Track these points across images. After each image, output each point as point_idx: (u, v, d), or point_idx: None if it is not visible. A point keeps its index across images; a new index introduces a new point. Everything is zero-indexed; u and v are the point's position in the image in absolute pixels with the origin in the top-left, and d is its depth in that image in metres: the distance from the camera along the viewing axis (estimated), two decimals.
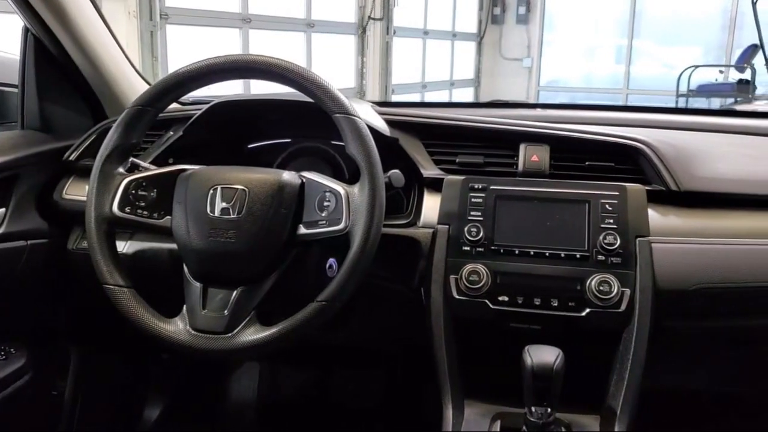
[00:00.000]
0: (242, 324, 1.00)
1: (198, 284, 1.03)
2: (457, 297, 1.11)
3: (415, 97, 8.47)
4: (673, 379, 1.34)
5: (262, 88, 1.27)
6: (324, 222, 1.01)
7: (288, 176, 1.04)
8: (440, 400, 1.10)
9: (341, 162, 1.34)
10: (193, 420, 1.82)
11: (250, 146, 1.40)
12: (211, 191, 1.03)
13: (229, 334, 0.99)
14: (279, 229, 1.01)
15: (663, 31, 9.37)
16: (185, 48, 5.07)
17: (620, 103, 9.24)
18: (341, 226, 0.99)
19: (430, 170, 1.23)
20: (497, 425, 1.07)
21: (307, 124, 1.27)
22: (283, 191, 1.02)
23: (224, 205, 1.02)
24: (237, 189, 1.02)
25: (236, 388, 1.86)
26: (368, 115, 1.20)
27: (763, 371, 1.35)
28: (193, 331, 1.01)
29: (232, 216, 1.01)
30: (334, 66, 7.12)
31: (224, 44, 5.48)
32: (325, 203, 1.01)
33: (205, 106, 1.25)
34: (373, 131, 1.12)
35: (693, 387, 1.42)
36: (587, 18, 9.62)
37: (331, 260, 1.18)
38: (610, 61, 9.74)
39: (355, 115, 1.01)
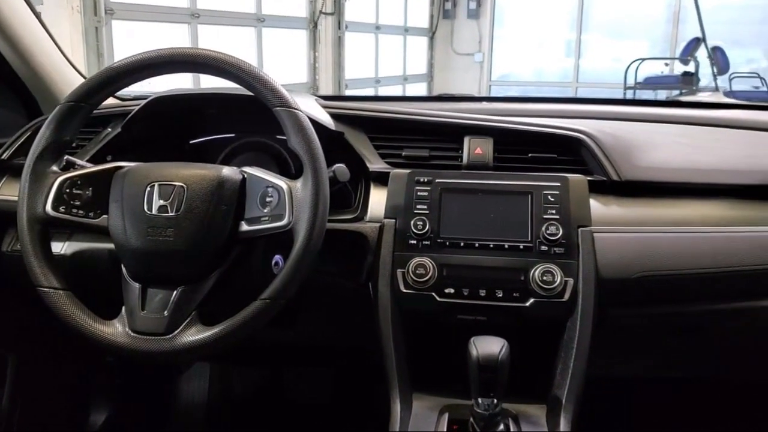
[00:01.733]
0: (183, 324, 0.97)
1: (137, 285, 1.00)
2: (405, 291, 1.10)
3: (368, 92, 8.46)
4: (617, 367, 1.37)
5: (212, 83, 1.24)
6: (266, 218, 0.99)
7: (228, 172, 1.02)
8: (388, 394, 1.10)
9: (287, 157, 1.32)
10: (141, 423, 1.78)
11: (192, 142, 1.37)
12: (148, 188, 1.00)
13: (170, 335, 0.97)
14: (219, 226, 0.99)
15: (611, 25, 9.57)
16: (132, 44, 4.95)
17: (570, 96, 9.39)
18: (284, 222, 0.98)
19: (376, 164, 1.22)
20: (445, 418, 1.07)
21: (250, 118, 1.25)
22: (223, 187, 1.00)
23: (162, 202, 0.99)
24: (175, 186, 1.00)
25: (186, 390, 1.82)
26: (311, 108, 1.19)
27: (704, 357, 1.38)
28: (132, 333, 0.98)
29: (170, 214, 0.98)
30: (286, 61, 7.06)
31: (172, 40, 5.37)
32: (268, 199, 1.00)
33: (143, 102, 1.22)
34: (317, 125, 1.11)
35: (637, 374, 1.45)
36: (537, 12, 9.75)
37: (277, 257, 1.16)
38: (560, 55, 9.89)
39: (296, 108, 1.00)
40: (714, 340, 1.28)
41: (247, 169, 1.04)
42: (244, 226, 1.00)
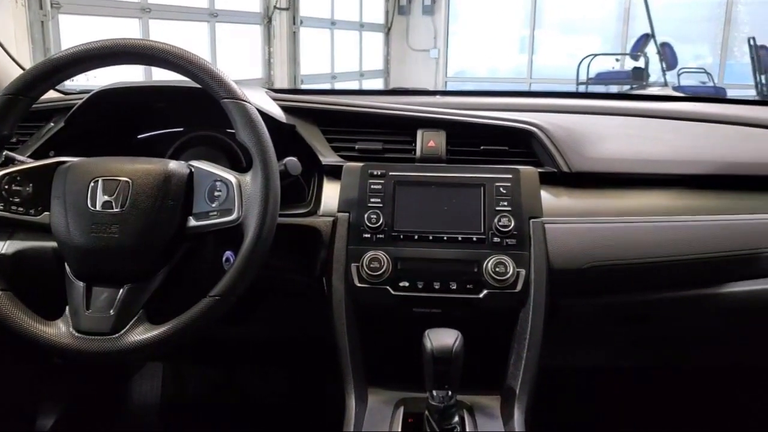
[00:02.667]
0: (130, 324, 0.95)
1: (81, 283, 0.97)
2: (359, 285, 1.09)
3: (324, 88, 8.43)
4: (570, 357, 1.39)
5: (165, 77, 1.20)
6: (215, 213, 0.97)
7: (175, 166, 1.00)
8: (343, 390, 1.09)
9: (238, 151, 1.29)
10: (92, 425, 1.73)
11: (140, 137, 1.34)
12: (92, 184, 0.97)
13: (116, 335, 0.94)
14: (166, 221, 0.97)
15: (564, 22, 9.71)
16: (80, 39, 4.80)
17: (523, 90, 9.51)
18: (233, 216, 0.96)
19: (329, 157, 1.21)
20: (400, 412, 1.07)
21: (200, 112, 1.22)
22: (170, 182, 0.97)
23: (106, 198, 0.96)
24: (120, 181, 0.97)
25: (138, 390, 1.78)
26: (261, 100, 1.17)
27: (654, 345, 1.41)
28: (76, 334, 0.95)
29: (115, 210, 0.96)
30: (240, 57, 6.98)
31: (123, 35, 5.23)
32: (216, 193, 0.98)
33: (87, 95, 1.18)
34: (267, 117, 1.09)
35: (590, 363, 1.47)
36: (491, 9, 9.84)
37: (228, 253, 1.14)
38: (514, 51, 10.00)
39: (244, 100, 0.98)
40: (663, 328, 1.31)
41: (195, 163, 1.01)
42: (192, 222, 0.98)
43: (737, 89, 8.38)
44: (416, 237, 1.11)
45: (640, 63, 8.24)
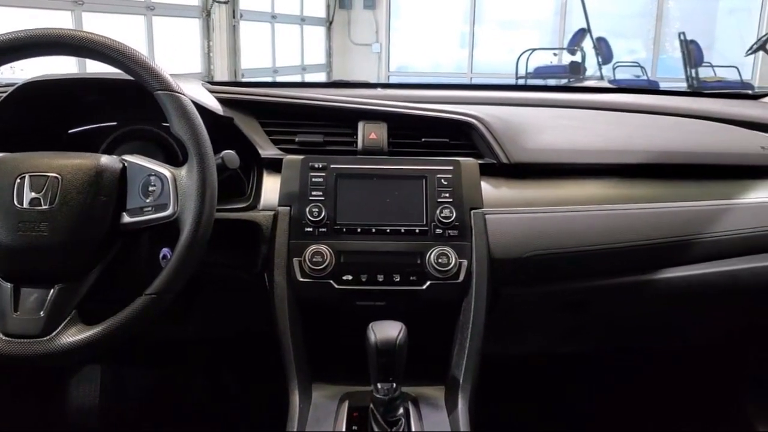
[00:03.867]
0: (62, 325, 0.91)
1: (8, 285, 0.93)
2: (301, 279, 1.08)
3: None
4: (513, 345, 1.41)
5: (100, 70, 1.15)
6: (150, 208, 0.94)
7: (107, 160, 0.96)
8: (286, 386, 1.08)
9: (174, 145, 1.26)
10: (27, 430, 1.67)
11: (71, 132, 1.28)
12: (18, 180, 0.93)
13: (47, 337, 0.90)
14: (99, 218, 0.93)
15: (503, 17, 9.85)
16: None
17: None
18: (169, 212, 0.93)
19: (268, 150, 1.19)
20: (345, 406, 1.06)
21: (133, 105, 1.18)
22: (101, 177, 0.94)
23: (34, 195, 0.92)
24: (48, 177, 0.93)
25: (75, 394, 1.72)
26: (196, 92, 1.14)
27: (594, 331, 1.44)
28: (4, 337, 0.90)
29: (43, 207, 0.91)
30: (179, 50, 6.82)
31: None
32: (150, 188, 0.95)
33: (12, 88, 1.13)
34: (204, 110, 1.07)
35: (532, 350, 1.50)
36: (432, 4, 9.90)
37: (165, 250, 1.11)
38: (455, 46, 10.09)
39: (178, 92, 0.95)
40: (601, 314, 1.34)
41: (128, 158, 0.98)
42: (126, 218, 0.95)
43: (669, 82, 8.68)
44: (359, 230, 1.11)
45: (577, 57, 8.43)
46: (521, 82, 8.24)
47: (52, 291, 0.92)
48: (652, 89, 5.16)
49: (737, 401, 1.78)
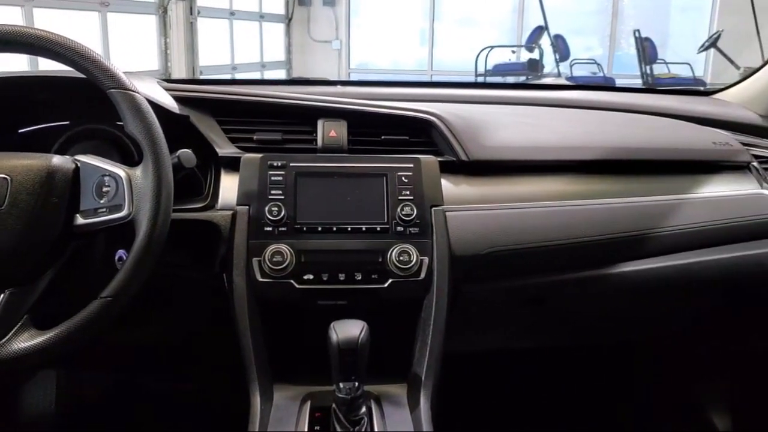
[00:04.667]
0: (13, 330, 0.88)
1: None
2: (261, 280, 1.07)
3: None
4: (474, 341, 1.41)
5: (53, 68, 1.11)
6: (104, 210, 0.92)
7: (59, 161, 0.93)
8: (247, 387, 1.07)
9: (130, 145, 1.23)
10: None
11: (21, 131, 1.25)
12: None
13: None
14: (51, 220, 0.91)
15: (462, 15, 9.91)
16: None
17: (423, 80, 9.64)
18: (124, 213, 0.91)
19: (226, 149, 1.18)
20: (307, 406, 1.05)
21: (86, 104, 1.16)
22: (53, 178, 0.91)
23: None
24: None
25: (28, 402, 1.68)
26: (151, 90, 1.11)
27: (554, 326, 1.46)
28: None
29: None
30: (135, 48, 6.69)
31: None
32: (104, 189, 0.93)
33: None
34: (159, 108, 1.05)
35: (493, 346, 1.51)
36: (392, 1, 9.91)
37: (121, 251, 1.09)
38: (415, 43, 10.12)
39: (132, 90, 0.93)
40: (559, 309, 1.36)
41: (81, 158, 0.96)
42: (80, 219, 0.93)
43: (625, 79, 8.86)
44: (320, 229, 1.10)
45: (535, 54, 8.54)
46: (480, 79, 8.30)
47: (2, 295, 0.89)
48: (609, 86, 5.25)
49: (690, 392, 1.83)
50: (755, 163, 1.38)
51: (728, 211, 1.30)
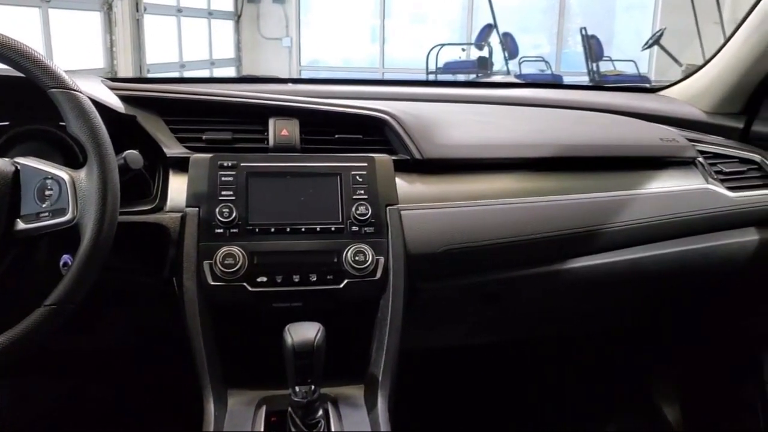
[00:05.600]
0: None
1: None
2: (213, 283, 1.04)
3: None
4: (431, 338, 1.42)
5: None
6: (46, 214, 0.89)
7: None
8: (201, 393, 1.04)
9: (73, 146, 1.19)
10: None
11: None
12: None
13: None
14: None
15: (413, 12, 9.95)
16: None
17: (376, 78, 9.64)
18: (67, 217, 0.88)
19: (174, 149, 1.14)
20: (262, 411, 1.04)
21: (28, 104, 1.11)
22: None
23: None
24: None
25: None
26: (94, 89, 1.08)
27: (510, 321, 1.47)
28: None
29: None
30: (79, 45, 6.50)
31: None
32: (47, 192, 0.89)
33: None
34: (103, 108, 1.01)
35: (451, 343, 1.52)
36: None
37: (66, 257, 1.05)
38: (366, 41, 10.11)
39: (74, 90, 0.89)
40: (514, 305, 1.37)
41: (21, 160, 0.92)
42: (21, 224, 0.89)
43: (572, 76, 9.04)
44: (273, 230, 1.08)
45: (485, 52, 8.63)
46: (431, 77, 8.35)
47: None
48: (558, 84, 5.35)
49: (642, 383, 1.88)
50: (701, 159, 1.41)
51: (675, 205, 1.33)
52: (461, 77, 8.79)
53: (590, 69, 8.08)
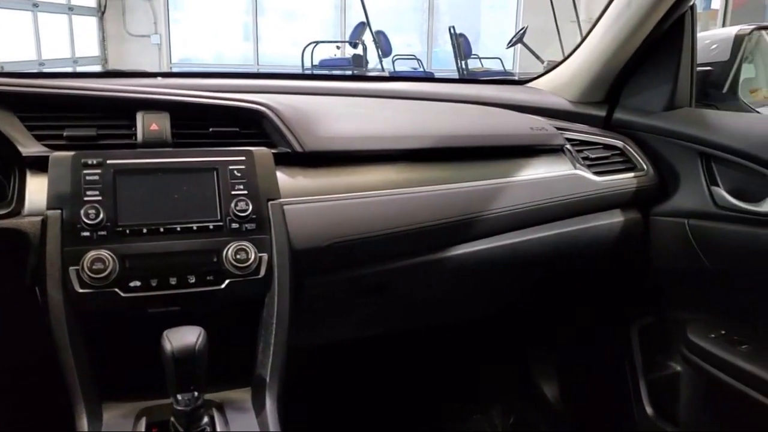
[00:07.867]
0: None
1: None
2: (80, 291, 0.96)
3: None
4: (320, 335, 1.40)
5: None
6: None
7: None
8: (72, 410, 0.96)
9: None
10: None
11: None
12: None
13: None
14: None
15: (285, 9, 9.86)
16: None
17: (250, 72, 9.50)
18: None
19: (30, 148, 1.05)
20: (142, 422, 0.97)
21: None
22: None
23: None
24: None
25: None
26: None
27: (397, 312, 1.48)
28: None
29: None
30: None
31: None
32: None
33: None
34: None
35: (342, 336, 1.50)
36: None
37: None
38: (239, 38, 9.91)
39: None
40: (402, 295, 1.38)
41: None
42: None
43: (443, 73, 9.31)
44: (145, 231, 1.01)
45: (359, 50, 8.70)
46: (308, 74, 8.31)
47: None
48: (434, 78, 5.48)
49: (525, 365, 1.95)
50: (568, 146, 1.48)
51: (547, 191, 1.39)
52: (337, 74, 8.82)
53: (459, 66, 8.35)
